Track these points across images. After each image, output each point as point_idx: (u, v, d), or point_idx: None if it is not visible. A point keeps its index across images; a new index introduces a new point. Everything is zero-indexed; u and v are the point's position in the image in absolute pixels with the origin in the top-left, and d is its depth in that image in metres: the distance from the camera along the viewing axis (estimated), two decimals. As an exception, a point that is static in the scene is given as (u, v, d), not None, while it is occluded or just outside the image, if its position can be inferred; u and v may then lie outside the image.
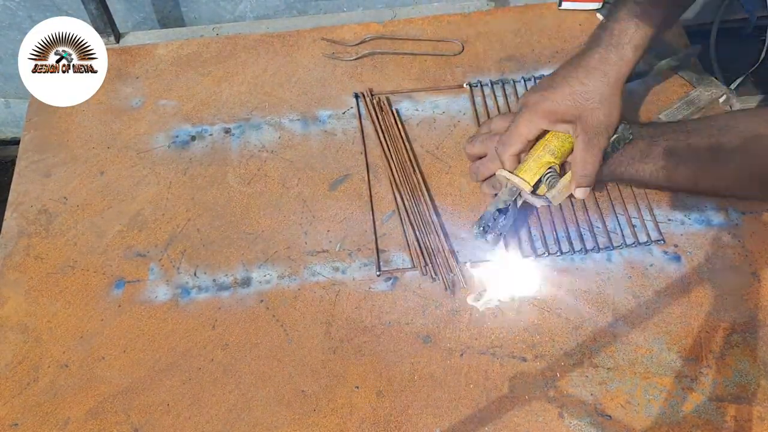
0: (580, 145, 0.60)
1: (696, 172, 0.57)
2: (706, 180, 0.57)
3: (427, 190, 0.71)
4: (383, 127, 0.75)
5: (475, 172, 0.69)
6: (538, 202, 0.62)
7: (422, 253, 0.67)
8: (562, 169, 0.64)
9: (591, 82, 0.58)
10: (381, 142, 0.74)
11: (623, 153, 0.61)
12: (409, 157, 0.73)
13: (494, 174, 0.65)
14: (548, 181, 0.62)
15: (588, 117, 0.59)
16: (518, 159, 0.63)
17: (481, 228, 0.63)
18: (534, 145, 0.63)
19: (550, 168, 0.62)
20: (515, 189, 0.62)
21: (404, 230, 0.68)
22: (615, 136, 0.61)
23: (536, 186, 0.62)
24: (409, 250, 0.67)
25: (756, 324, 0.63)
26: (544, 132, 0.63)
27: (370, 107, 0.77)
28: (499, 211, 0.62)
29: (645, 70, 0.77)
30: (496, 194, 0.65)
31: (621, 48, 0.58)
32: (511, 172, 0.62)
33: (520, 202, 0.64)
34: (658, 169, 0.60)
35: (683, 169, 0.58)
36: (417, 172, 0.72)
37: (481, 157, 0.68)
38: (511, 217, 0.63)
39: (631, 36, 0.58)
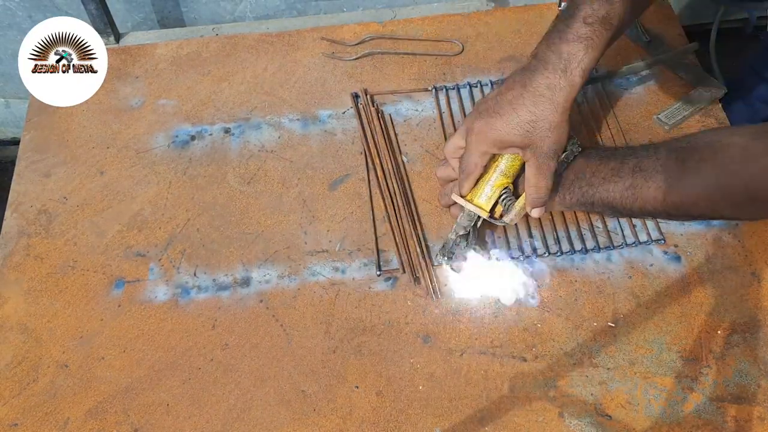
0: (531, 170, 0.60)
1: (664, 186, 0.56)
2: (674, 194, 0.55)
3: (411, 192, 0.72)
4: (370, 129, 0.76)
5: (446, 195, 0.67)
6: (497, 223, 0.64)
7: (405, 256, 0.67)
8: (515, 187, 0.65)
9: (539, 110, 0.58)
10: (366, 145, 0.74)
11: (595, 174, 0.61)
12: (391, 160, 0.73)
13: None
14: (504, 203, 0.63)
15: (538, 144, 0.59)
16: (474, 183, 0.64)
17: (445, 256, 0.65)
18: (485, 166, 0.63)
19: (504, 189, 0.63)
20: (473, 214, 0.64)
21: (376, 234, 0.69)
22: (564, 153, 0.61)
23: (493, 208, 0.63)
24: (398, 252, 0.67)
25: (756, 324, 0.63)
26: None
27: (362, 110, 0.77)
28: (460, 236, 0.65)
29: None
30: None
31: (570, 73, 0.57)
32: (467, 199, 0.63)
33: (479, 224, 0.65)
34: (627, 188, 0.58)
35: (652, 184, 0.57)
36: (393, 176, 0.72)
37: (451, 180, 0.67)
38: (473, 240, 0.65)
39: (579, 60, 0.57)
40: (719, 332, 0.62)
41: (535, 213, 0.63)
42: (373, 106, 0.78)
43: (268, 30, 0.87)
